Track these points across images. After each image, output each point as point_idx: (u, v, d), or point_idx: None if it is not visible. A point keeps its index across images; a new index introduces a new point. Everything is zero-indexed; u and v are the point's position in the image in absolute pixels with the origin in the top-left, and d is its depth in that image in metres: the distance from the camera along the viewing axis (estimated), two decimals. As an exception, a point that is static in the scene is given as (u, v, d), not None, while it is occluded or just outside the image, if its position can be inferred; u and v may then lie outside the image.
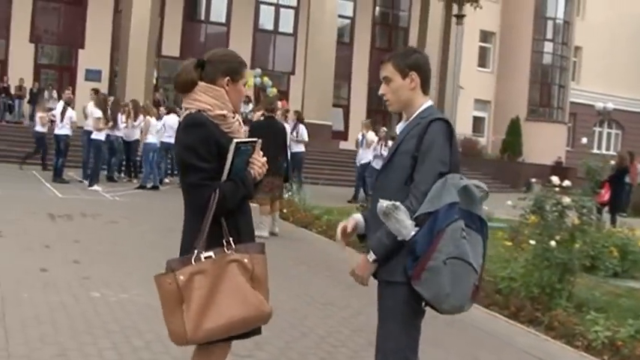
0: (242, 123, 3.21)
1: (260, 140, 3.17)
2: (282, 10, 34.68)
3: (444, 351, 5.60)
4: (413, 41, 34.08)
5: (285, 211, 12.14)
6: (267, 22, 34.63)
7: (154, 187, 16.42)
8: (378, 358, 3.18)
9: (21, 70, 28.71)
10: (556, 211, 6.50)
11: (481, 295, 6.98)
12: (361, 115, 31.49)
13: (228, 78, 3.10)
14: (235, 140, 2.99)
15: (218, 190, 2.92)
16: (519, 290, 6.66)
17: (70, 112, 16.45)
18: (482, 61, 39.29)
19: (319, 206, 12.66)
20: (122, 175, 18.47)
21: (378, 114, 32.24)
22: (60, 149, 16.38)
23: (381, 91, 3.29)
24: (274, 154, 9.79)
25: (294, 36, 33.91)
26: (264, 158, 3.18)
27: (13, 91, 28.00)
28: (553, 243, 6.27)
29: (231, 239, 2.99)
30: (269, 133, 9.69)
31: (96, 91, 17.65)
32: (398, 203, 2.93)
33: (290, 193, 13.15)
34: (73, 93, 23.68)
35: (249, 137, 3.20)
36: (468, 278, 2.98)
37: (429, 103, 3.25)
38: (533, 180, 7.26)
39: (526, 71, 37.41)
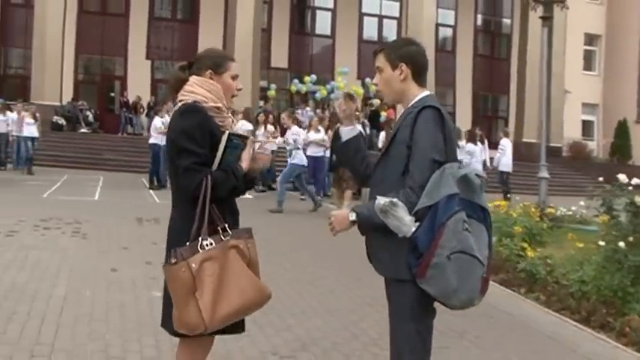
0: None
1: (252, 137, 3.29)
2: (385, 20, 34.88)
3: (503, 356, 5.37)
4: (515, 47, 33.44)
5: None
6: (371, 32, 34.78)
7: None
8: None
9: (139, 85, 30.25)
10: (630, 210, 6.11)
11: (552, 299, 6.69)
12: (466, 121, 31.11)
13: (210, 71, 3.16)
14: (228, 132, 3.04)
15: (209, 176, 2.95)
16: (591, 294, 6.28)
17: (155, 121, 17.15)
18: (588, 65, 37.93)
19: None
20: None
21: (485, 119, 31.84)
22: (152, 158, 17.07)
23: (374, 80, 3.24)
24: None
25: (398, 46, 33.87)
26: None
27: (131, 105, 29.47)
28: (622, 244, 5.88)
29: (226, 225, 3.02)
30: None
31: (164, 102, 18.32)
32: (395, 199, 2.84)
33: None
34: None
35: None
36: (475, 272, 2.87)
37: (424, 93, 3.12)
38: (601, 178, 6.80)
39: (634, 73, 35.90)
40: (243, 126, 16.72)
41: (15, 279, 6.45)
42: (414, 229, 2.81)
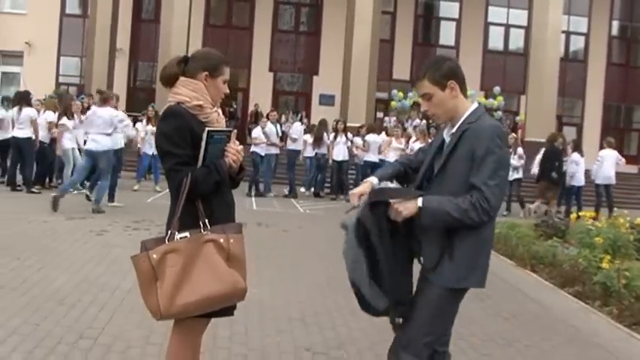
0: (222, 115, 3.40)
1: (235, 130, 3.38)
2: (511, 29, 34.06)
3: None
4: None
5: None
6: (496, 42, 34.19)
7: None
8: None
9: (260, 96, 31.10)
10: None
11: (625, 313, 6.36)
12: (595, 133, 29.84)
13: (206, 73, 3.32)
14: (207, 129, 3.16)
15: (190, 175, 3.11)
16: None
17: (254, 131, 17.75)
18: None
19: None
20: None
21: (616, 131, 30.43)
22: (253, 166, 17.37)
23: (423, 108, 3.32)
24: (550, 168, 15.41)
25: (525, 55, 32.94)
26: (240, 146, 3.33)
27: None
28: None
29: (206, 221, 3.16)
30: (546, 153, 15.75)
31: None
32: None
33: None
34: (308, 116, 27.30)
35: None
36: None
37: (474, 106, 3.25)
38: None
39: None
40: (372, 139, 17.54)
41: (89, 272, 6.88)
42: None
